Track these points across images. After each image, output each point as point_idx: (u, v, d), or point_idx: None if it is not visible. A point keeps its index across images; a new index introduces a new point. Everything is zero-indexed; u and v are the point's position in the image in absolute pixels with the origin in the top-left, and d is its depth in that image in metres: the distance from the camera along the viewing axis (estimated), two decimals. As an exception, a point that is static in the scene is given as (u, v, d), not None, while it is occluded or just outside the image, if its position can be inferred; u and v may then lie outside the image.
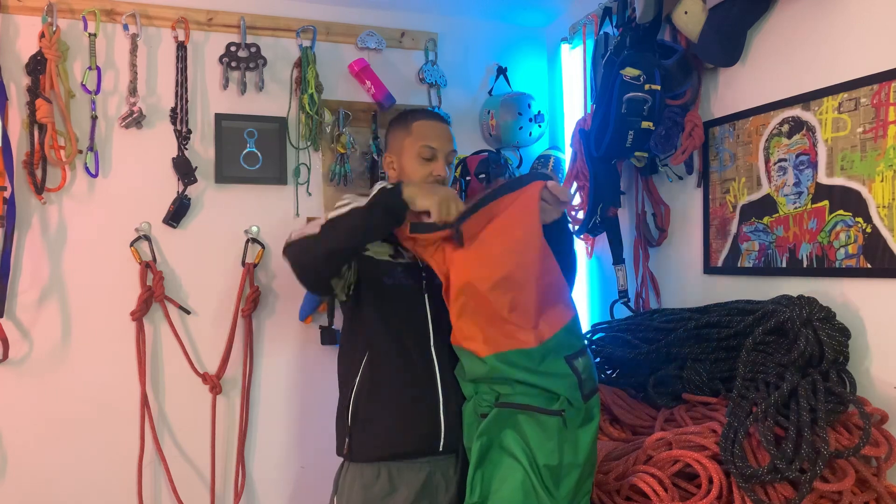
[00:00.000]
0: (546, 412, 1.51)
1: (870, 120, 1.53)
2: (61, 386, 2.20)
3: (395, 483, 1.64)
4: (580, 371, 1.56)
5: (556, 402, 1.52)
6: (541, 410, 1.51)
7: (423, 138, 1.77)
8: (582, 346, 1.63)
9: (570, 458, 1.51)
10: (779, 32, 1.77)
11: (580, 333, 1.66)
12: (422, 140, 1.76)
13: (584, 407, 1.56)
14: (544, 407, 1.52)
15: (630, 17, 2.02)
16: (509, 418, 1.52)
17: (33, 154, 2.12)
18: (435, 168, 1.76)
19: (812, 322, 1.52)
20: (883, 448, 1.41)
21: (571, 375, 1.55)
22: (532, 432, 1.50)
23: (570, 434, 1.53)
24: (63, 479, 2.19)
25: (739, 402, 1.52)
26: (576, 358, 1.58)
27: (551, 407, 1.52)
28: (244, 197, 2.39)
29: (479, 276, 1.54)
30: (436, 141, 1.77)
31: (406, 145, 1.78)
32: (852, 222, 1.57)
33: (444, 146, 1.78)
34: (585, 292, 2.63)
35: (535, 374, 1.52)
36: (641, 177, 2.21)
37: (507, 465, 1.49)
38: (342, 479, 1.69)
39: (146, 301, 2.24)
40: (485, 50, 2.71)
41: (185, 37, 2.31)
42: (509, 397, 1.54)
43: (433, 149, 1.76)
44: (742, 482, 1.39)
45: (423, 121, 1.80)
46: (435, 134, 1.78)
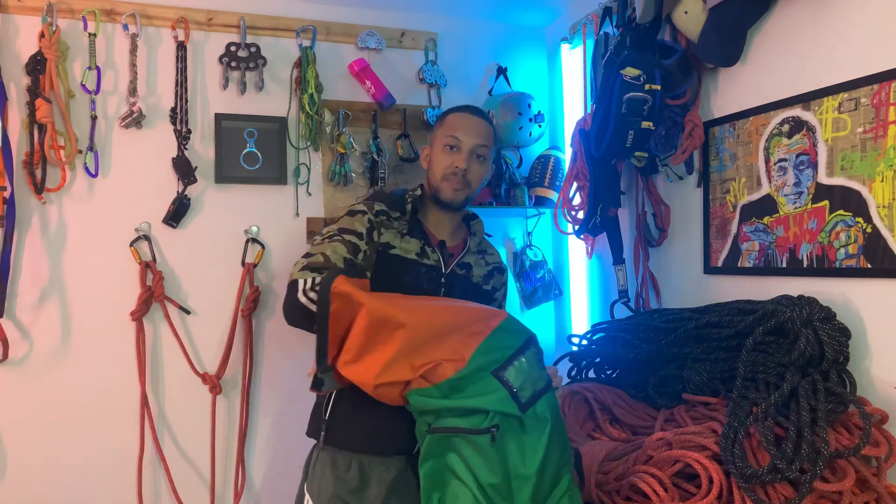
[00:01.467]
0: (474, 432, 1.46)
1: (870, 120, 1.53)
2: (61, 386, 2.20)
3: (366, 477, 1.63)
4: (511, 382, 1.49)
5: (487, 419, 1.46)
6: (469, 431, 1.46)
7: (451, 128, 1.77)
8: (512, 353, 1.53)
9: (519, 470, 1.47)
10: (779, 32, 1.77)
11: (508, 340, 1.54)
12: (449, 130, 1.77)
13: (528, 415, 1.49)
14: (473, 427, 1.46)
15: (630, 17, 2.02)
16: (444, 442, 1.49)
17: (33, 154, 2.12)
18: (456, 160, 1.75)
19: (812, 322, 1.52)
20: (883, 448, 1.41)
21: (501, 389, 1.48)
22: (469, 453, 1.47)
23: (512, 446, 1.48)
24: (63, 479, 2.19)
25: (739, 402, 1.52)
26: (505, 368, 1.50)
27: (482, 426, 1.46)
28: (244, 197, 2.40)
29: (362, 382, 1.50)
30: (462, 132, 1.75)
31: (437, 136, 1.80)
32: (852, 222, 1.57)
33: (469, 139, 1.75)
34: (585, 292, 2.63)
35: (454, 400, 1.48)
36: (641, 177, 2.21)
37: (457, 486, 1.47)
38: (312, 466, 1.68)
39: (146, 301, 2.24)
40: (485, 50, 2.72)
41: (185, 37, 2.31)
42: (439, 421, 1.50)
43: (458, 139, 1.74)
44: (742, 482, 1.39)
45: (457, 113, 1.80)
46: (464, 125, 1.77)
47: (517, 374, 1.51)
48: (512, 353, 1.53)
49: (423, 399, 1.49)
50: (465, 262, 1.82)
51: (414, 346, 1.48)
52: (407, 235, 1.75)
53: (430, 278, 1.73)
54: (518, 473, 1.47)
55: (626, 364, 2.00)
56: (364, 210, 1.73)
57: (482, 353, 1.50)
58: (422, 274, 1.72)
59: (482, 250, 1.90)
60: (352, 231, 1.69)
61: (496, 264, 1.92)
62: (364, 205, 1.76)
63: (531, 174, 2.63)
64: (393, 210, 1.76)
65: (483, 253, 1.90)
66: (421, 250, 1.75)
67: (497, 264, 1.93)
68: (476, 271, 1.84)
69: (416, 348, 1.49)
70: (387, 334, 1.49)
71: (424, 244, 1.76)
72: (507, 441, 1.48)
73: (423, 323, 1.51)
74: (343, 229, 1.69)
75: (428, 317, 1.53)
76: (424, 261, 1.74)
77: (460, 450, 1.48)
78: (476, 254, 1.87)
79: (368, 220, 1.71)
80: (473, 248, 1.85)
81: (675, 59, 1.95)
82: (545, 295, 2.71)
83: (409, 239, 1.75)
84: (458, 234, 1.86)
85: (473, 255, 1.85)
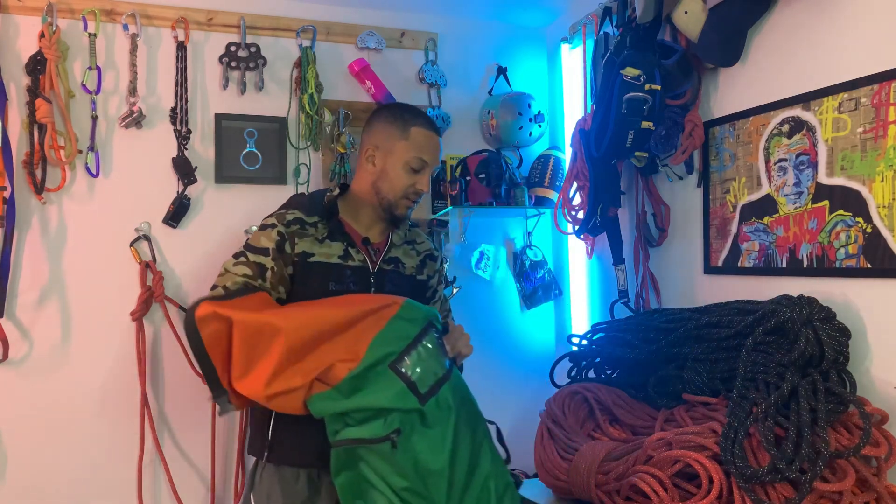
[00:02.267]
0: (373, 442, 1.43)
1: (870, 120, 1.53)
2: (61, 386, 2.20)
3: (316, 487, 1.62)
4: (409, 374, 1.45)
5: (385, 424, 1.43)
6: (368, 442, 1.43)
7: (420, 149, 1.72)
8: (409, 343, 1.49)
9: (430, 465, 1.44)
10: (779, 32, 1.77)
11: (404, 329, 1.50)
12: (417, 151, 1.71)
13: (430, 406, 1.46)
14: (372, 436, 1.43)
15: (630, 17, 2.02)
16: (351, 453, 1.46)
17: (33, 154, 2.11)
18: (419, 182, 1.73)
19: (812, 322, 1.52)
20: (883, 448, 1.41)
21: (398, 383, 1.44)
22: (376, 462, 1.45)
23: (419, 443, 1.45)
24: (63, 479, 2.19)
25: (739, 402, 1.52)
26: (402, 360, 1.46)
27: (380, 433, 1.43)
28: (244, 197, 2.39)
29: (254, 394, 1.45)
30: (430, 154, 1.73)
31: (398, 148, 1.72)
32: (852, 222, 1.57)
33: (434, 161, 1.75)
34: (585, 292, 2.63)
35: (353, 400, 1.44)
36: (641, 177, 2.21)
37: (375, 495, 1.45)
38: (258, 477, 1.66)
39: (146, 301, 2.24)
40: (485, 50, 2.71)
41: (185, 37, 2.31)
42: (338, 434, 1.46)
43: (425, 162, 1.72)
44: (742, 482, 1.39)
45: (422, 129, 1.74)
46: (432, 146, 1.74)
47: (415, 364, 1.46)
48: (409, 343, 1.48)
49: (322, 404, 1.44)
50: (391, 257, 1.78)
51: (298, 350, 1.43)
52: (327, 240, 1.70)
53: (356, 280, 1.69)
54: (430, 470, 1.44)
55: (626, 364, 2.00)
56: (273, 223, 1.68)
57: (377, 347, 1.45)
58: (347, 276, 1.68)
59: (410, 240, 1.87)
60: (258, 249, 1.65)
61: (427, 252, 1.90)
62: (276, 217, 1.70)
63: (531, 174, 2.63)
64: (310, 216, 1.71)
65: (412, 243, 1.87)
66: (344, 252, 1.70)
67: (428, 251, 1.90)
68: (408, 262, 1.82)
69: (303, 352, 1.43)
70: (266, 343, 1.44)
71: (347, 245, 1.71)
72: (412, 440, 1.45)
73: (303, 325, 1.45)
74: (250, 247, 1.66)
75: (308, 318, 1.48)
76: (349, 262, 1.70)
77: (367, 459, 1.45)
78: (404, 245, 1.84)
79: (278, 232, 1.66)
80: (398, 241, 1.82)
81: (675, 59, 1.95)
82: (545, 295, 2.71)
83: (330, 243, 1.70)
84: (381, 228, 1.81)
85: (401, 248, 1.82)
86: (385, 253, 1.77)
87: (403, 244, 1.84)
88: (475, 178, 2.49)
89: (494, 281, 2.69)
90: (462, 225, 2.61)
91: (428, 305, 1.83)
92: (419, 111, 1.80)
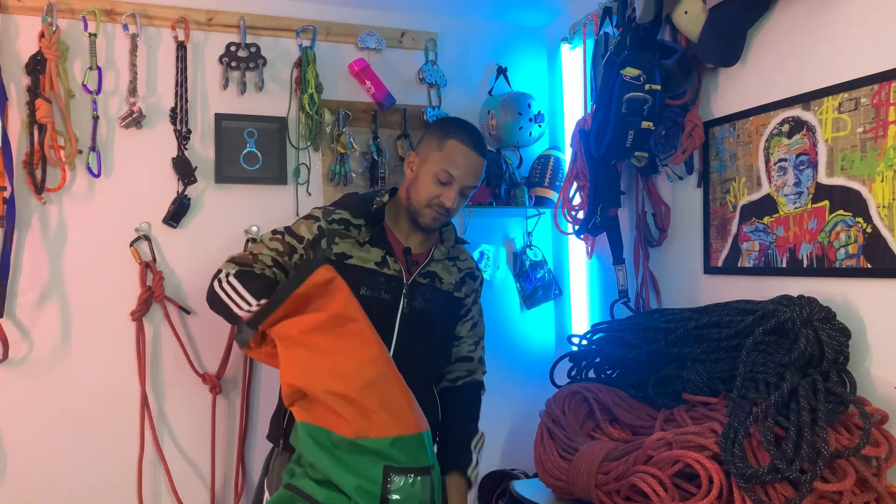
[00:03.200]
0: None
1: (870, 120, 1.53)
2: (61, 386, 2.20)
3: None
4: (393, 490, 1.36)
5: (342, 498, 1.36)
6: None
7: (450, 163, 1.70)
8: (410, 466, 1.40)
9: None
10: (779, 32, 1.77)
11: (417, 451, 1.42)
12: (447, 163, 1.70)
13: None
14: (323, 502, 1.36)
15: (630, 17, 2.02)
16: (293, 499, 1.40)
17: (33, 154, 2.12)
18: (445, 195, 1.70)
19: (812, 322, 1.52)
20: (883, 448, 1.41)
21: (376, 485, 1.35)
22: None
23: None
24: (63, 479, 2.19)
25: (739, 402, 1.52)
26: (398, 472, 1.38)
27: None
28: (244, 197, 2.39)
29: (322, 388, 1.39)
30: (460, 171, 1.70)
31: (432, 158, 1.72)
32: (852, 222, 1.57)
33: (465, 179, 1.71)
34: (585, 292, 2.63)
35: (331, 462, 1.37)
36: (641, 177, 2.21)
37: None
38: (273, 463, 1.70)
39: (146, 301, 2.24)
40: (485, 50, 2.72)
41: (185, 37, 2.31)
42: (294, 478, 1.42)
43: (453, 177, 1.69)
44: (742, 482, 1.39)
45: (459, 143, 1.71)
46: (464, 163, 1.70)
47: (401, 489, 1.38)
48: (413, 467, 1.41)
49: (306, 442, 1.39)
50: (429, 271, 1.78)
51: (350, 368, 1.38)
52: (367, 244, 1.71)
53: (388, 288, 1.69)
54: None
55: (626, 364, 2.00)
56: (318, 217, 1.72)
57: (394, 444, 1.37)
58: (379, 284, 1.68)
59: (454, 257, 1.87)
60: (295, 234, 1.71)
61: (468, 270, 1.89)
62: (322, 211, 1.74)
63: (531, 174, 2.64)
64: (356, 217, 1.73)
65: (455, 259, 1.87)
66: (382, 260, 1.71)
67: (469, 270, 1.90)
68: (446, 278, 1.82)
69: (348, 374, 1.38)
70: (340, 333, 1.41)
71: (386, 253, 1.72)
72: None
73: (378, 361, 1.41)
74: (289, 229, 1.72)
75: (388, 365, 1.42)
76: (384, 270, 1.70)
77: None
78: (445, 261, 1.84)
79: (319, 227, 1.70)
80: (439, 256, 1.82)
81: (675, 59, 1.95)
82: (545, 295, 2.71)
83: (370, 248, 1.71)
84: (427, 241, 1.82)
85: (440, 263, 1.82)
86: (424, 266, 1.77)
87: (445, 259, 1.83)
88: (475, 178, 2.49)
89: (494, 281, 2.70)
90: (462, 225, 2.62)
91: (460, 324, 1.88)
92: (467, 128, 1.75)
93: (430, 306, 1.76)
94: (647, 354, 1.86)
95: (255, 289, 1.57)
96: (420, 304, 1.74)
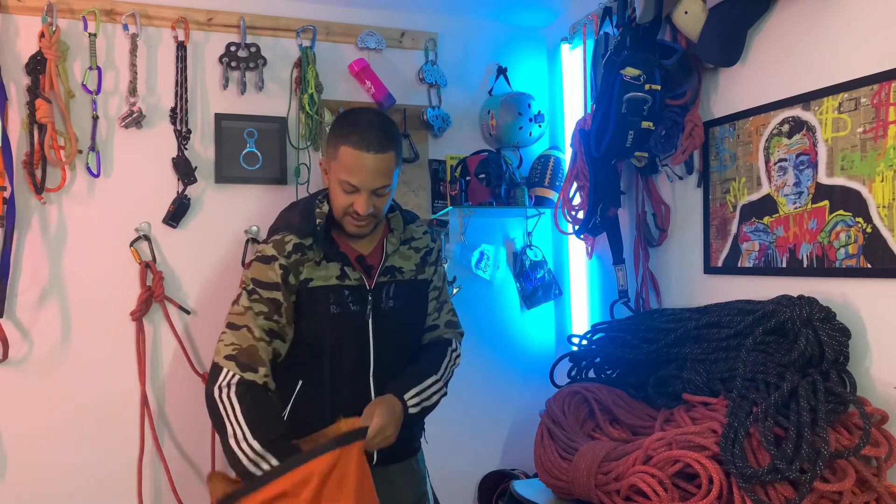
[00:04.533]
0: None
1: (870, 120, 1.53)
2: (61, 386, 2.19)
3: None
4: None
5: None
6: None
7: (348, 172, 1.57)
8: None
9: None
10: (779, 32, 1.77)
11: None
12: (345, 173, 1.57)
13: None
14: None
15: (630, 17, 2.02)
16: None
17: (33, 154, 2.11)
18: (356, 203, 1.59)
19: (812, 322, 1.52)
20: (883, 448, 1.41)
21: None
22: None
23: None
24: (63, 479, 2.19)
25: (739, 402, 1.52)
26: None
27: None
28: (244, 197, 2.39)
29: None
30: (359, 178, 1.56)
31: (332, 168, 1.62)
32: (852, 222, 1.57)
33: (369, 183, 1.57)
34: (585, 292, 2.63)
35: None
36: (641, 177, 2.21)
37: None
38: None
39: (146, 301, 2.24)
40: (485, 50, 2.72)
41: (185, 37, 2.31)
42: None
43: (354, 186, 1.57)
44: (742, 482, 1.39)
45: (350, 149, 1.56)
46: (361, 169, 1.56)
47: None
48: None
49: None
50: (388, 267, 1.72)
51: None
52: (323, 261, 1.65)
53: (355, 299, 1.65)
54: None
55: (626, 364, 2.00)
56: (274, 255, 1.62)
57: None
58: (345, 297, 1.64)
59: (407, 240, 1.78)
60: (268, 284, 1.60)
61: (426, 248, 1.80)
62: (274, 246, 1.63)
63: (531, 174, 2.64)
64: (304, 238, 1.64)
65: (409, 241, 1.78)
66: (341, 272, 1.65)
67: (426, 247, 1.81)
68: (406, 266, 1.75)
69: None
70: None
71: (343, 265, 1.66)
72: None
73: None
74: (259, 282, 1.60)
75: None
76: (346, 282, 1.65)
77: None
78: (400, 248, 1.76)
79: (280, 265, 1.61)
80: (392, 248, 1.73)
81: (675, 59, 1.95)
82: (545, 295, 2.71)
83: (327, 264, 1.64)
84: (375, 238, 1.74)
85: (396, 254, 1.74)
86: (381, 265, 1.71)
87: (400, 247, 1.76)
88: (475, 178, 2.49)
89: (494, 281, 2.70)
90: (462, 225, 2.62)
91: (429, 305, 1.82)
92: (359, 126, 1.58)
93: (398, 302, 1.70)
94: (647, 354, 1.87)
95: (253, 421, 1.49)
96: (386, 304, 1.69)
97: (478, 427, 2.67)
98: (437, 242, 1.87)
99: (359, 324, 1.67)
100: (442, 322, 1.83)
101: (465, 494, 2.66)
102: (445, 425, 2.58)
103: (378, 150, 1.56)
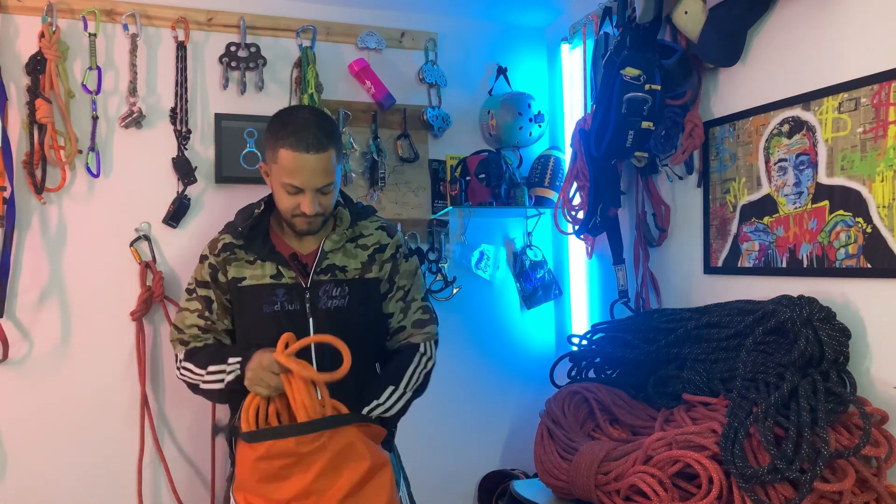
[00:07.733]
0: None
1: (870, 120, 1.53)
2: (61, 386, 2.20)
3: None
4: None
5: None
6: None
7: (289, 174, 1.56)
8: None
9: None
10: (779, 32, 1.77)
11: None
12: (286, 175, 1.56)
13: None
14: None
15: (630, 17, 2.02)
16: None
17: (33, 154, 2.12)
18: (302, 203, 1.58)
19: (812, 322, 1.52)
20: (883, 448, 1.41)
21: None
22: None
23: None
24: (63, 479, 2.19)
25: (739, 402, 1.52)
26: None
27: None
28: (244, 197, 2.37)
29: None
30: (300, 178, 1.56)
31: (273, 171, 1.60)
32: (852, 222, 1.57)
33: (311, 183, 1.56)
34: (585, 292, 2.63)
35: None
36: (641, 177, 2.21)
37: None
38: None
39: (146, 301, 2.24)
40: (485, 50, 2.71)
41: (185, 37, 2.31)
42: None
43: (297, 188, 1.57)
44: (742, 482, 1.39)
45: (288, 151, 1.54)
46: (300, 169, 1.55)
47: None
48: None
49: None
50: (326, 266, 1.68)
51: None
52: (258, 260, 1.66)
53: (291, 298, 1.64)
54: None
55: (626, 364, 2.00)
56: (206, 254, 1.72)
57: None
58: (280, 297, 1.64)
59: (355, 237, 1.73)
60: (202, 282, 1.72)
61: (375, 245, 1.73)
62: (209, 245, 1.73)
63: (531, 174, 2.64)
64: (237, 238, 1.67)
65: (357, 239, 1.73)
66: (276, 272, 1.65)
67: (376, 245, 1.73)
68: (350, 265, 1.70)
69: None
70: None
71: (278, 264, 1.65)
72: None
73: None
74: (196, 280, 1.74)
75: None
76: (281, 281, 1.64)
77: None
78: (345, 246, 1.71)
79: (209, 265, 1.70)
80: (332, 245, 1.68)
81: (675, 59, 1.95)
82: (545, 295, 2.71)
83: (261, 263, 1.65)
84: (322, 235, 1.71)
85: (339, 252, 1.70)
86: (317, 265, 1.67)
87: (344, 244, 1.71)
88: (475, 178, 2.49)
89: (494, 281, 2.70)
90: (462, 225, 2.62)
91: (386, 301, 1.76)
92: (293, 126, 1.56)
93: (338, 301, 1.67)
94: (647, 354, 1.87)
95: (199, 361, 1.66)
96: (327, 303, 1.66)
97: (478, 427, 2.66)
98: (395, 238, 1.78)
99: (299, 324, 1.64)
100: (409, 323, 1.76)
101: (465, 494, 2.66)
102: (445, 425, 2.59)
103: (317, 150, 1.55)
